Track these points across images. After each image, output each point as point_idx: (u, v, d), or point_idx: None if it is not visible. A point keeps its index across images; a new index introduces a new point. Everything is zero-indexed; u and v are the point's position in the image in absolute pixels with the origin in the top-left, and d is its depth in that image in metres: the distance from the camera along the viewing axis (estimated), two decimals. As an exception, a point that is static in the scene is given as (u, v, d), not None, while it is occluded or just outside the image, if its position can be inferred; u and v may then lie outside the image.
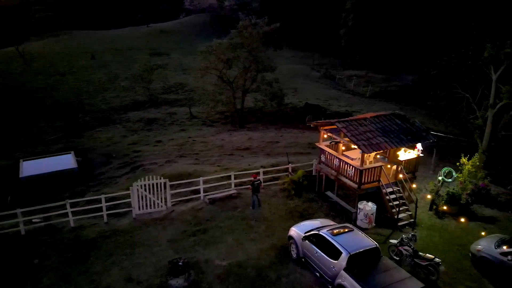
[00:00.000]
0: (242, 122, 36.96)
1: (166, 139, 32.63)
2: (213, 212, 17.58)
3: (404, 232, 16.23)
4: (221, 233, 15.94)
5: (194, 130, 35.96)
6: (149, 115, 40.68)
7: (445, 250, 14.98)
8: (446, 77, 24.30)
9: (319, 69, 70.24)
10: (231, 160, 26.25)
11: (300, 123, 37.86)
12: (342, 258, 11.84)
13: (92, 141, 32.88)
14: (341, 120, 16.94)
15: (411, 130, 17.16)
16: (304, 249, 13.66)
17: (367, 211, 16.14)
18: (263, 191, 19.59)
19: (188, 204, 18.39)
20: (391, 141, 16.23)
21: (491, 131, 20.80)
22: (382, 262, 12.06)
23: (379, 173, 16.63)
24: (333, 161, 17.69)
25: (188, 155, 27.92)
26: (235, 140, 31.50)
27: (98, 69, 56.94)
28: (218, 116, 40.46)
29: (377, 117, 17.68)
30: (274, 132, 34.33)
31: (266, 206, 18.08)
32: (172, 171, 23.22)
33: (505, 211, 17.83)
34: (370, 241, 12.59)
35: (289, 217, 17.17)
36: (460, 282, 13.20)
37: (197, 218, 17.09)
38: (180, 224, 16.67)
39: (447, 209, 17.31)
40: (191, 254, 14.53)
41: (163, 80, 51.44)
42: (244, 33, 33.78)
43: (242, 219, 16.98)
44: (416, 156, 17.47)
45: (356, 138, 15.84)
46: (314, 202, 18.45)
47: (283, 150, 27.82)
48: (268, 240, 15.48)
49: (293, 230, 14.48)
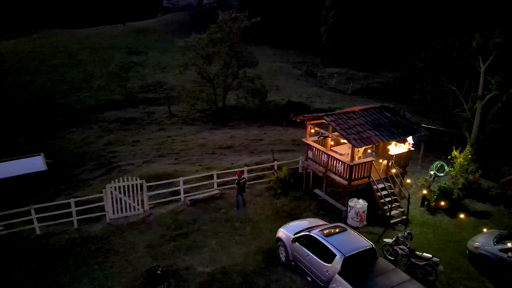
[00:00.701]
0: (224, 120, 35.78)
1: (144, 139, 31.14)
2: (195, 214, 16.39)
3: (397, 229, 15.48)
4: (203, 237, 14.77)
5: (173, 129, 34.56)
6: (126, 115, 39.01)
7: (440, 247, 14.25)
8: (432, 70, 23.80)
9: (300, 67, 69.78)
10: (213, 159, 25.06)
11: (284, 120, 37.09)
12: (336, 261, 10.88)
13: (65, 142, 31.06)
14: (329, 114, 16.03)
15: (402, 123, 16.41)
16: (294, 252, 12.64)
17: (358, 209, 15.28)
18: (248, 190, 18.49)
19: (167, 207, 17.13)
20: (382, 134, 15.41)
21: (480, 123, 20.35)
22: (378, 264, 11.17)
23: (370, 168, 15.80)
24: (321, 157, 16.78)
25: (168, 155, 26.58)
26: (217, 139, 30.31)
27: (72, 68, 54.57)
28: (199, 115, 39.16)
29: (366, 110, 16.86)
30: (257, 129, 33.31)
31: (251, 206, 17.01)
32: (150, 172, 21.86)
33: (497, 205, 17.32)
34: (365, 241, 11.69)
35: (276, 218, 16.14)
36: (459, 281, 12.45)
37: (178, 221, 15.86)
38: (158, 228, 15.41)
39: (439, 205, 16.65)
40: (171, 261, 13.30)
41: (141, 79, 49.68)
42: (225, 27, 32.57)
43: (226, 221, 15.85)
44: (407, 150, 16.73)
45: (345, 132, 14.95)
46: (301, 200, 17.49)
47: (267, 148, 26.83)
48: (254, 243, 14.41)
49: (282, 232, 13.45)
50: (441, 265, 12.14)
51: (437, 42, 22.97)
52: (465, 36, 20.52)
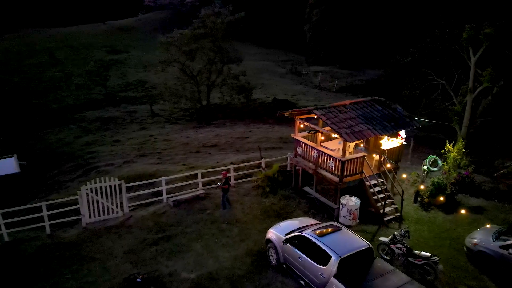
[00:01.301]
0: (209, 118, 34.73)
1: (124, 139, 29.85)
2: (178, 216, 15.40)
3: (391, 227, 14.85)
4: (187, 240, 13.79)
5: (156, 128, 33.33)
6: (107, 114, 37.53)
7: (437, 245, 13.65)
8: (420, 64, 23.36)
9: (284, 65, 69.32)
10: (198, 158, 24.06)
11: (270, 118, 36.31)
12: (331, 263, 10.09)
13: (41, 143, 29.50)
14: (320, 107, 15.27)
15: (394, 116, 15.79)
16: (285, 254, 11.81)
17: (351, 207, 14.56)
18: (235, 189, 17.64)
19: (149, 208, 16.08)
20: (374, 128, 14.73)
21: (470, 117, 19.95)
22: (376, 265, 10.43)
23: (362, 164, 15.11)
24: (311, 153, 16.01)
25: (150, 155, 25.43)
26: (201, 137, 29.28)
27: (49, 67, 52.53)
28: (183, 113, 37.98)
29: (357, 104, 16.18)
30: (242, 127, 32.39)
31: (238, 206, 16.11)
32: (131, 172, 20.74)
33: (491, 200, 16.87)
34: (361, 240, 10.93)
35: (264, 218, 15.29)
36: (459, 281, 11.84)
37: (160, 224, 14.83)
38: (139, 232, 14.35)
39: (433, 201, 16.10)
40: (153, 267, 12.29)
41: (122, 78, 48.15)
42: (208, 22, 31.52)
43: (211, 223, 14.91)
44: (399, 144, 16.11)
45: (337, 126, 14.21)
46: (291, 199, 16.69)
47: (253, 146, 25.99)
48: (242, 245, 13.52)
49: (272, 233, 12.61)
50: (441, 264, 11.51)
51: (425, 35, 22.54)
52: (454, 28, 20.11)
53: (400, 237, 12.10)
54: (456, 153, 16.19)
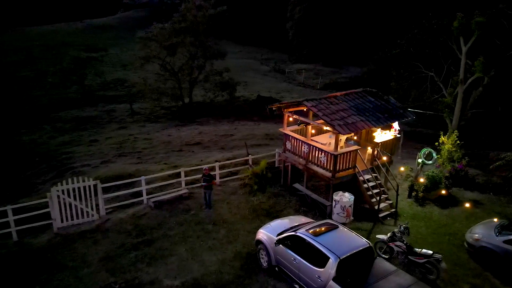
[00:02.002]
0: (191, 116, 33.51)
1: (102, 138, 28.39)
2: (160, 217, 14.26)
3: (386, 224, 14.11)
4: (170, 244, 12.69)
5: (136, 127, 31.93)
6: (83, 114, 35.89)
7: (435, 242, 12.95)
8: (408, 56, 22.81)
9: (268, 63, 68.74)
10: (180, 156, 22.90)
11: (254, 115, 35.48)
12: (329, 265, 9.18)
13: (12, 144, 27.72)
14: (310, 99, 14.41)
15: (387, 108, 15.07)
16: (278, 256, 10.86)
17: (345, 203, 13.73)
18: (221, 188, 16.61)
19: (127, 210, 14.88)
20: (367, 120, 13.96)
21: (461, 109, 19.47)
22: (378, 265, 9.59)
23: (355, 158, 14.31)
24: (301, 147, 15.12)
25: (129, 154, 24.12)
26: (184, 135, 28.10)
27: (23, 66, 50.24)
28: (164, 112, 36.66)
29: (348, 95, 15.40)
30: (227, 125, 31.33)
31: (224, 206, 15.09)
32: (109, 173, 19.45)
33: (486, 193, 16.34)
34: (360, 239, 10.08)
35: (253, 217, 14.32)
36: (462, 279, 11.13)
37: (140, 227, 13.67)
38: (117, 236, 13.16)
39: (428, 195, 15.45)
40: (132, 275, 11.15)
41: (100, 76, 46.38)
42: (188, 16, 30.30)
43: (196, 224, 13.84)
44: (393, 137, 15.39)
45: (329, 117, 13.36)
46: (280, 197, 15.76)
47: (239, 143, 24.99)
48: (230, 247, 12.51)
49: (262, 233, 11.63)
50: (444, 262, 10.76)
51: (412, 27, 22.01)
52: (443, 18, 19.60)
53: (400, 234, 11.32)
54: (450, 145, 15.58)
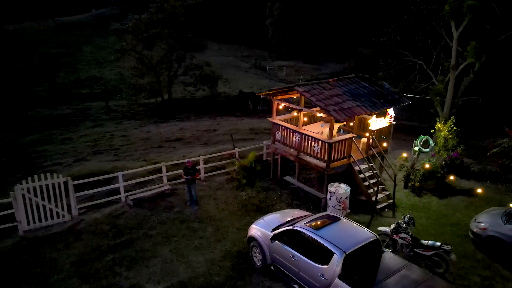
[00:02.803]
0: (171, 112, 32.06)
1: (76, 136, 26.63)
2: (140, 216, 12.97)
3: (385, 216, 13.29)
4: (152, 245, 11.44)
5: (112, 125, 30.23)
6: (56, 112, 33.85)
7: (438, 233, 12.20)
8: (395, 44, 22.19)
9: (248, 60, 67.87)
10: (161, 152, 21.53)
11: (237, 110, 34.41)
12: (334, 261, 8.17)
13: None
14: (301, 84, 13.42)
15: (382, 93, 14.24)
16: (273, 254, 9.79)
17: (341, 195, 12.79)
18: (206, 183, 15.43)
19: (103, 210, 13.50)
20: (364, 105, 13.07)
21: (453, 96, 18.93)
22: (387, 260, 8.64)
23: (350, 147, 13.41)
24: (292, 137, 14.11)
25: (105, 151, 22.57)
26: (164, 132, 26.68)
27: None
28: (142, 109, 35.00)
29: (341, 80, 14.51)
30: (209, 120, 30.07)
31: (211, 202, 13.92)
32: (83, 171, 17.93)
33: (482, 181, 15.79)
34: (366, 231, 9.13)
35: (243, 213, 13.21)
36: (471, 271, 10.36)
37: (117, 227, 12.35)
38: (91, 238, 11.80)
39: (424, 185, 14.73)
40: (109, 281, 9.86)
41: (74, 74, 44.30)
42: (166, 6, 28.86)
43: (181, 222, 12.63)
44: (388, 124, 14.57)
45: (323, 103, 12.40)
46: (271, 191, 14.73)
47: (222, 138, 23.82)
48: (219, 246, 11.36)
49: (255, 229, 10.54)
50: (453, 254, 9.95)
51: (400, 14, 21.39)
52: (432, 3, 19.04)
53: (405, 225, 10.44)
54: (447, 132, 14.90)
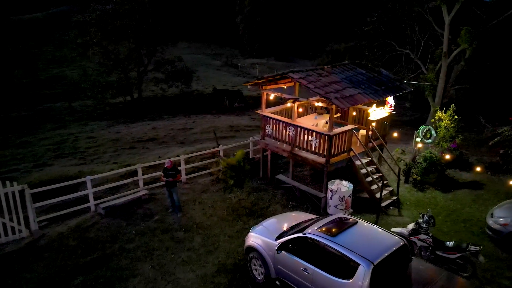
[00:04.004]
0: (141, 111, 29.85)
1: (36, 140, 24.01)
2: (114, 227, 11.08)
3: (390, 214, 12.06)
4: (131, 261, 9.61)
5: (76, 126, 27.69)
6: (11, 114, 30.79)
7: (451, 231, 11.10)
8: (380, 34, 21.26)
9: (219, 58, 66.20)
10: (133, 154, 19.51)
11: (212, 108, 32.72)
12: (360, 274, 6.74)
13: None
14: (296, 70, 11.97)
15: (381, 80, 13.06)
16: (279, 266, 8.25)
17: (343, 193, 11.45)
18: (188, 186, 13.68)
19: (69, 222, 11.48)
20: (365, 92, 11.79)
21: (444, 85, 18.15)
22: (419, 268, 7.32)
23: (350, 139, 12.11)
24: (286, 131, 12.65)
25: (70, 155, 20.26)
26: (135, 132, 24.55)
27: None
28: (110, 108, 32.54)
29: (336, 67, 13.20)
30: (183, 119, 28.15)
31: (196, 207, 12.21)
32: (44, 177, 15.71)
33: (484, 173, 14.96)
34: (391, 236, 7.76)
35: (234, 218, 11.60)
36: (498, 273, 9.25)
37: (87, 242, 10.41)
38: (55, 256, 9.80)
39: (426, 179, 13.69)
40: (79, 311, 8.00)
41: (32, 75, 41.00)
42: (132, -4, 26.69)
43: (163, 232, 10.85)
44: (388, 114, 13.40)
45: (322, 90, 11.00)
46: (262, 191, 13.18)
47: (200, 137, 22.07)
48: (211, 259, 9.69)
49: (254, 237, 8.96)
50: (481, 256, 8.79)
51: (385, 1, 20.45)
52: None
53: (426, 225, 9.20)
54: (448, 121, 13.93)
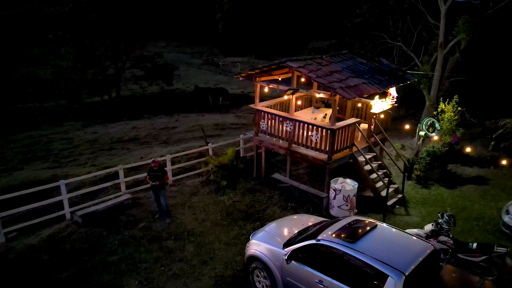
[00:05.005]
0: (120, 111, 28.23)
1: (4, 142, 22.09)
2: (94, 237, 9.75)
3: (397, 213, 11.21)
4: (114, 276, 8.35)
5: (49, 128, 25.82)
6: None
7: (465, 230, 10.33)
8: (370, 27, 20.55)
9: (199, 57, 64.84)
10: (112, 155, 18.08)
11: (195, 107, 31.39)
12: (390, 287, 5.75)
13: None
14: (294, 59, 10.93)
15: (384, 70, 12.22)
16: (288, 278, 7.18)
17: (348, 192, 10.48)
18: (175, 188, 12.46)
19: (41, 232, 10.06)
20: (370, 82, 10.90)
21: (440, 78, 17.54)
22: (452, 277, 6.40)
23: (353, 134, 11.19)
24: (282, 126, 11.61)
25: (43, 158, 18.61)
26: (114, 132, 23.00)
27: None
28: (85, 108, 30.70)
29: (335, 56, 12.26)
30: (165, 118, 26.71)
31: (186, 211, 11.01)
32: (13, 182, 14.20)
33: (486, 167, 14.37)
34: (418, 240, 6.82)
35: (228, 223, 10.47)
36: (522, 275, 8.48)
37: (63, 255, 9.06)
38: (26, 273, 8.42)
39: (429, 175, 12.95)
40: None
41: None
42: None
43: (150, 241, 9.60)
44: (390, 106, 12.55)
45: (325, 80, 10.01)
46: (257, 192, 12.11)
47: (185, 136, 20.81)
48: (206, 270, 8.54)
49: (256, 245, 7.87)
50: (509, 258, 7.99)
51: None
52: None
53: (447, 225, 8.33)
54: (452, 113, 13.22)
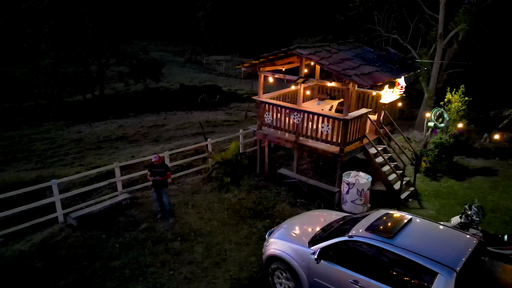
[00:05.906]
0: (104, 109, 27.02)
1: (-19, 143, 20.73)
2: (92, 241, 8.88)
3: (411, 207, 10.77)
4: (118, 283, 7.53)
5: (29, 128, 24.44)
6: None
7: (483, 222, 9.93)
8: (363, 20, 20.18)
9: (182, 55, 63.74)
10: (101, 154, 17.06)
11: (182, 104, 30.45)
12: (440, 286, 5.19)
13: None
14: (303, 46, 10.31)
15: (393, 58, 11.79)
16: (317, 279, 6.53)
17: (362, 186, 9.97)
18: (174, 187, 11.66)
19: (33, 237, 9.11)
20: (382, 70, 10.39)
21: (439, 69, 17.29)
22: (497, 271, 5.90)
23: (365, 125, 10.68)
24: (289, 119, 10.98)
25: (24, 158, 17.41)
26: (100, 131, 21.88)
27: None
28: (66, 107, 29.30)
29: (342, 45, 11.72)
30: (153, 116, 25.72)
31: (189, 210, 10.25)
32: (-6, 185, 13.01)
33: (491, 159, 14.15)
34: (460, 233, 6.31)
35: (237, 221, 9.77)
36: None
37: (58, 262, 8.16)
38: (17, 282, 7.50)
39: (437, 166, 12.60)
40: None
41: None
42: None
43: (155, 243, 8.80)
44: (398, 96, 12.11)
45: (338, 67, 9.44)
46: (263, 189, 11.45)
47: (176, 134, 19.94)
48: (220, 273, 7.82)
49: (276, 243, 7.19)
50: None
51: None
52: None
53: (478, 217, 7.87)
54: (459, 103, 12.90)
